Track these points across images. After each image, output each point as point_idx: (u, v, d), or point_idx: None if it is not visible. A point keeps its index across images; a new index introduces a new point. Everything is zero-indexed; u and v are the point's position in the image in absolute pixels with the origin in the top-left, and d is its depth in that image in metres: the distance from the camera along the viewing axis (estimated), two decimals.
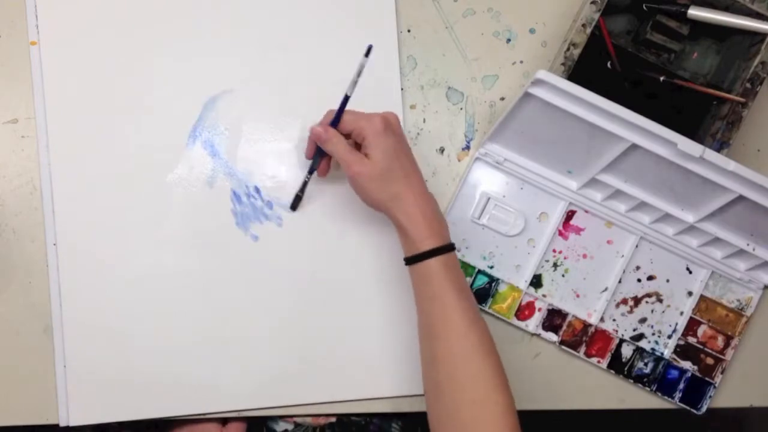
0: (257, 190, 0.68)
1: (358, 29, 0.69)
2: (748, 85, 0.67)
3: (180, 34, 0.67)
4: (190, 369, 0.66)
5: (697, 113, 0.72)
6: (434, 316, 0.58)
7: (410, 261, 0.59)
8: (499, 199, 0.70)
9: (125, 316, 0.65)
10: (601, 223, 0.71)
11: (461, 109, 0.71)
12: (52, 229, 0.65)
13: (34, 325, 0.65)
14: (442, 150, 0.71)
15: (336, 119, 0.60)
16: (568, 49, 0.65)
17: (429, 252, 0.58)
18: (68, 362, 0.64)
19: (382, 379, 0.69)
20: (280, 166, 0.68)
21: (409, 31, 0.70)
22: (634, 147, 0.61)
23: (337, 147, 0.60)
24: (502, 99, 0.71)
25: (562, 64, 0.66)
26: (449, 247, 0.59)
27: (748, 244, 0.69)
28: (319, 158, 0.65)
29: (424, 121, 0.70)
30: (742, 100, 0.67)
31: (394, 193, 0.59)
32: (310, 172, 0.66)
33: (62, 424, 0.64)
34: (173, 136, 0.67)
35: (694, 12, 0.67)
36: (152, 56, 0.67)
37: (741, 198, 0.62)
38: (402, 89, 0.70)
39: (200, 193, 0.67)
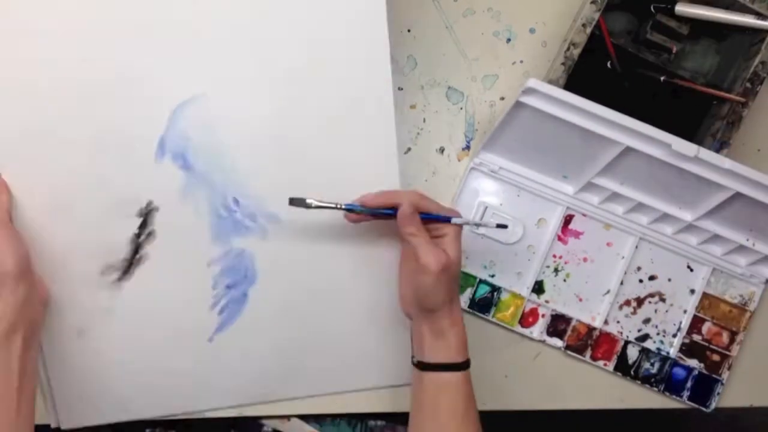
0: (236, 201, 0.62)
1: (348, 29, 0.61)
2: (748, 84, 0.66)
3: (143, 32, 0.58)
4: (182, 369, 0.65)
5: (697, 113, 0.72)
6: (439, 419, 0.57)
7: (433, 368, 0.57)
8: (496, 208, 0.70)
9: (117, 318, 0.63)
10: (600, 226, 0.71)
11: (461, 108, 0.71)
12: None
13: None
14: (442, 150, 0.71)
15: (431, 216, 0.58)
16: (568, 48, 0.65)
17: (460, 364, 0.57)
18: (60, 364, 0.62)
19: (371, 375, 0.68)
20: (260, 175, 0.62)
21: (409, 31, 0.70)
22: (628, 150, 0.61)
23: (420, 236, 0.57)
24: (502, 99, 0.71)
25: (562, 63, 0.66)
26: (468, 365, 0.58)
27: (747, 240, 0.68)
28: (371, 214, 0.60)
29: (424, 121, 0.70)
30: (742, 99, 0.67)
31: (451, 297, 0.57)
32: (348, 209, 0.59)
33: (53, 425, 0.63)
34: (139, 151, 0.59)
35: (682, 8, 0.67)
36: (111, 59, 0.57)
37: (738, 195, 0.62)
38: (402, 89, 0.70)
39: (176, 212, 0.61)
